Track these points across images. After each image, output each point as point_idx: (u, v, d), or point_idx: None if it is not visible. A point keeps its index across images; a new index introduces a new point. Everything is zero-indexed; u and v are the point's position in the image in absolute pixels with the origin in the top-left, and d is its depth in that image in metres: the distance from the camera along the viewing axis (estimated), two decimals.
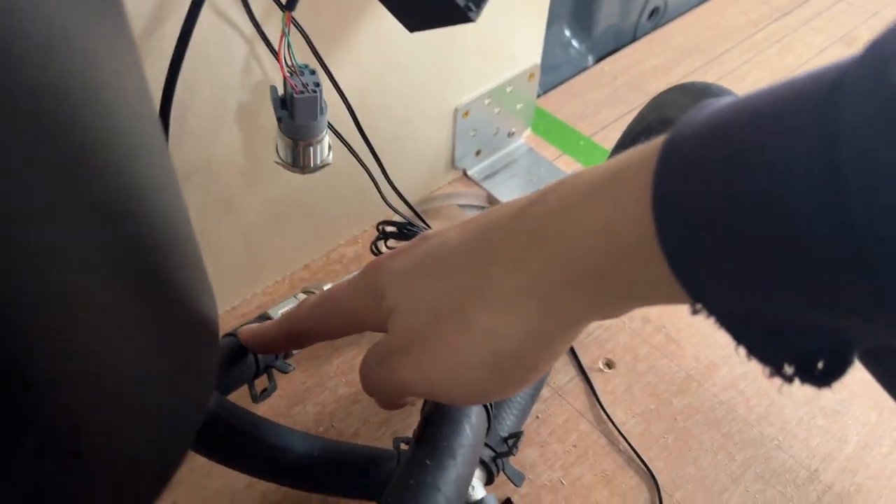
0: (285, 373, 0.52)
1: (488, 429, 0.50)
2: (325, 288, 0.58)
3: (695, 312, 0.23)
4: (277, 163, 0.51)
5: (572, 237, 0.24)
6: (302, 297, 0.57)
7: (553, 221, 0.25)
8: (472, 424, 0.45)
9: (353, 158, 0.57)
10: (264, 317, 0.54)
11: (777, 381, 0.24)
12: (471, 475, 0.44)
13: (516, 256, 0.26)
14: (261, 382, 0.50)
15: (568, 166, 0.79)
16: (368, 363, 0.33)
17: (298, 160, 0.50)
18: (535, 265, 0.25)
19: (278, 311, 0.54)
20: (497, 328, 0.27)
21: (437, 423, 0.45)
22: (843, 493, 0.56)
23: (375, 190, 0.61)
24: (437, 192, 0.76)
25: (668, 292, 0.23)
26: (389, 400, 0.34)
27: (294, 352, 0.55)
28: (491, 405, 0.49)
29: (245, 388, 0.48)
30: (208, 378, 0.37)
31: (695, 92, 0.47)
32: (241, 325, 0.47)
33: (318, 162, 0.51)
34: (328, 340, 0.38)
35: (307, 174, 0.52)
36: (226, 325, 0.64)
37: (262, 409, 0.57)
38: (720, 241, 0.20)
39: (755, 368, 0.63)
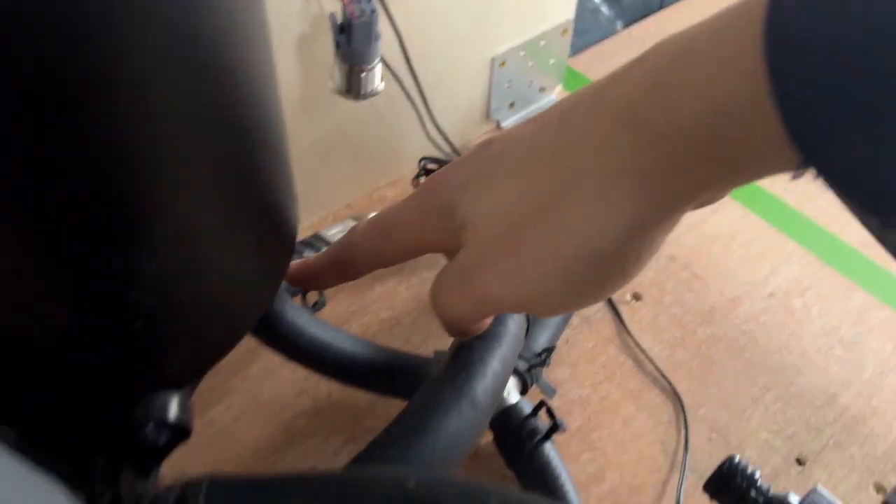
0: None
1: (524, 344, 0.54)
2: (371, 214, 0.62)
3: (796, 177, 0.22)
4: (332, 90, 0.55)
5: (670, 106, 0.22)
6: (351, 223, 0.61)
7: (646, 94, 0.23)
8: (507, 337, 0.48)
9: (399, 96, 0.61)
10: (318, 237, 0.58)
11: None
12: (503, 386, 0.47)
13: (607, 139, 0.24)
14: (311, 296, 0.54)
15: None
16: (443, 286, 0.29)
17: (352, 86, 0.54)
18: (629, 145, 0.23)
19: (328, 232, 0.58)
20: (593, 221, 0.24)
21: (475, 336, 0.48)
22: (858, 415, 0.59)
23: (417, 131, 0.65)
24: (472, 142, 0.79)
25: (776, 157, 0.21)
26: (466, 324, 0.30)
27: None
28: (528, 319, 0.53)
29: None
30: (281, 267, 0.40)
31: None
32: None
33: (370, 89, 0.55)
34: (378, 269, 0.35)
35: (359, 101, 0.56)
36: None
37: None
38: (842, 82, 0.18)
39: (775, 303, 0.66)
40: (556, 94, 0.85)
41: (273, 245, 0.36)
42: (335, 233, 0.59)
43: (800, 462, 0.56)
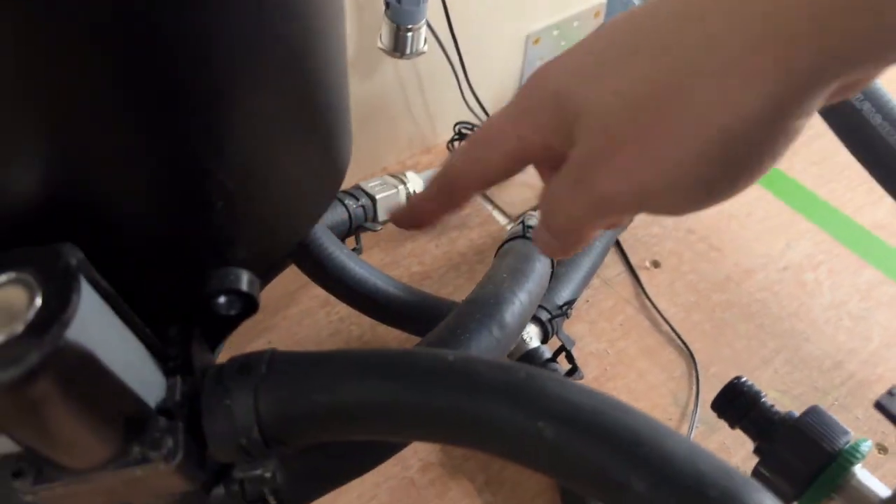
0: (375, 231, 0.60)
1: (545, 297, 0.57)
2: (408, 173, 0.66)
3: None
4: (380, 48, 0.59)
5: None
6: (389, 178, 0.64)
7: None
8: (534, 274, 0.51)
9: (440, 60, 0.65)
10: (358, 188, 0.62)
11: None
12: (528, 316, 0.51)
13: (740, 2, 0.21)
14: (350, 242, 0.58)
15: None
16: (557, 190, 0.27)
17: (399, 45, 0.58)
18: (767, 6, 0.21)
19: (369, 185, 0.62)
20: (726, 99, 0.22)
21: (511, 254, 0.52)
22: (864, 380, 0.61)
23: (455, 95, 0.68)
24: None
25: None
26: (582, 231, 0.28)
27: (381, 219, 0.62)
28: (554, 265, 0.56)
29: None
30: (333, 187, 0.43)
31: None
32: None
33: (416, 49, 0.59)
34: (487, 188, 0.32)
35: (403, 60, 0.59)
36: None
37: None
38: None
39: (788, 276, 0.69)
40: None
41: (329, 166, 0.40)
42: (375, 184, 0.62)
43: None
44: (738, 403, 0.40)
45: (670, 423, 0.58)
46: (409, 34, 0.57)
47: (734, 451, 0.57)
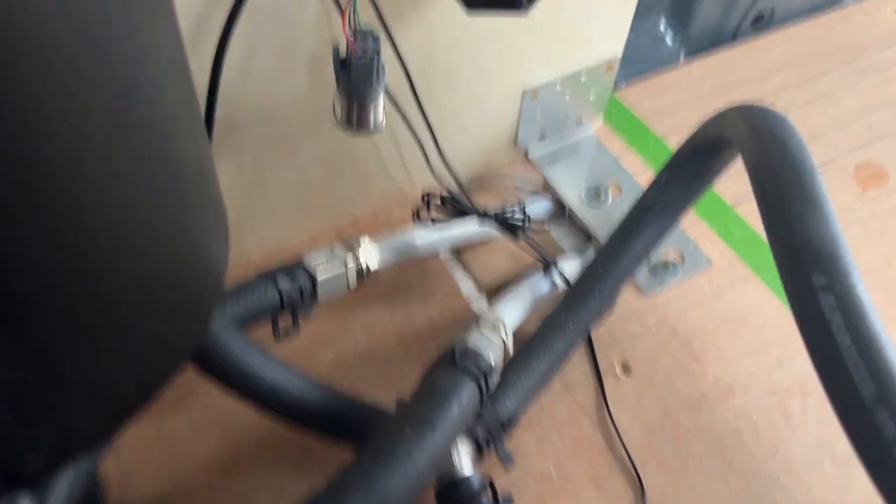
0: (309, 319, 0.55)
1: (481, 407, 0.51)
2: (364, 240, 0.60)
3: None
4: (333, 123, 0.53)
5: None
6: (340, 249, 0.59)
7: None
8: (459, 401, 0.46)
9: (403, 130, 0.58)
10: (301, 266, 0.56)
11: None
12: (447, 450, 0.46)
13: None
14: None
15: (633, 165, 0.78)
16: None
17: (353, 120, 0.52)
18: None
19: (312, 262, 0.57)
20: None
21: (427, 394, 0.46)
22: None
23: (421, 165, 0.62)
24: (495, 171, 0.76)
25: None
26: None
27: (321, 300, 0.57)
28: (486, 385, 0.51)
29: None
30: (203, 312, 0.38)
31: (750, 116, 0.46)
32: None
33: (371, 126, 0.52)
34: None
35: (360, 136, 0.53)
36: (268, 262, 0.67)
37: (282, 350, 0.60)
38: None
39: (773, 402, 0.62)
40: (595, 128, 0.81)
41: (187, 303, 0.34)
42: (319, 262, 0.57)
43: None
44: None
45: None
46: (364, 112, 0.51)
47: None
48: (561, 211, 0.74)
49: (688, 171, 0.59)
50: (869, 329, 0.35)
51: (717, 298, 0.68)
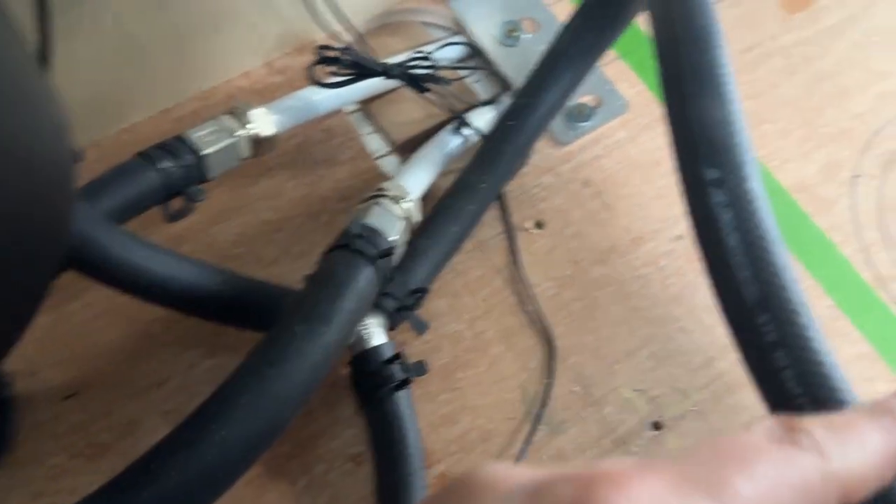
0: (195, 201, 0.52)
1: (385, 285, 0.51)
2: (251, 106, 0.56)
3: None
4: None
5: None
6: (225, 119, 0.54)
7: None
8: (355, 288, 0.45)
9: None
10: (180, 138, 0.52)
11: None
12: (346, 338, 0.45)
13: None
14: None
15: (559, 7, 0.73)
16: None
17: None
18: None
19: (194, 134, 0.52)
20: None
21: (320, 282, 0.45)
22: (732, 382, 0.58)
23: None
24: (400, 6, 0.70)
25: None
26: None
27: (211, 177, 0.54)
28: (386, 265, 0.50)
29: None
30: (54, 216, 0.35)
31: None
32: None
33: None
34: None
35: None
36: (158, 128, 0.62)
37: (179, 227, 0.57)
38: None
39: (680, 247, 0.62)
40: None
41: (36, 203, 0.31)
42: (204, 133, 0.52)
43: (656, 426, 0.56)
44: None
45: (512, 423, 0.55)
46: None
47: (573, 457, 0.55)
48: (475, 54, 0.70)
49: (601, 14, 0.55)
50: (757, 228, 0.34)
51: (632, 143, 0.67)
